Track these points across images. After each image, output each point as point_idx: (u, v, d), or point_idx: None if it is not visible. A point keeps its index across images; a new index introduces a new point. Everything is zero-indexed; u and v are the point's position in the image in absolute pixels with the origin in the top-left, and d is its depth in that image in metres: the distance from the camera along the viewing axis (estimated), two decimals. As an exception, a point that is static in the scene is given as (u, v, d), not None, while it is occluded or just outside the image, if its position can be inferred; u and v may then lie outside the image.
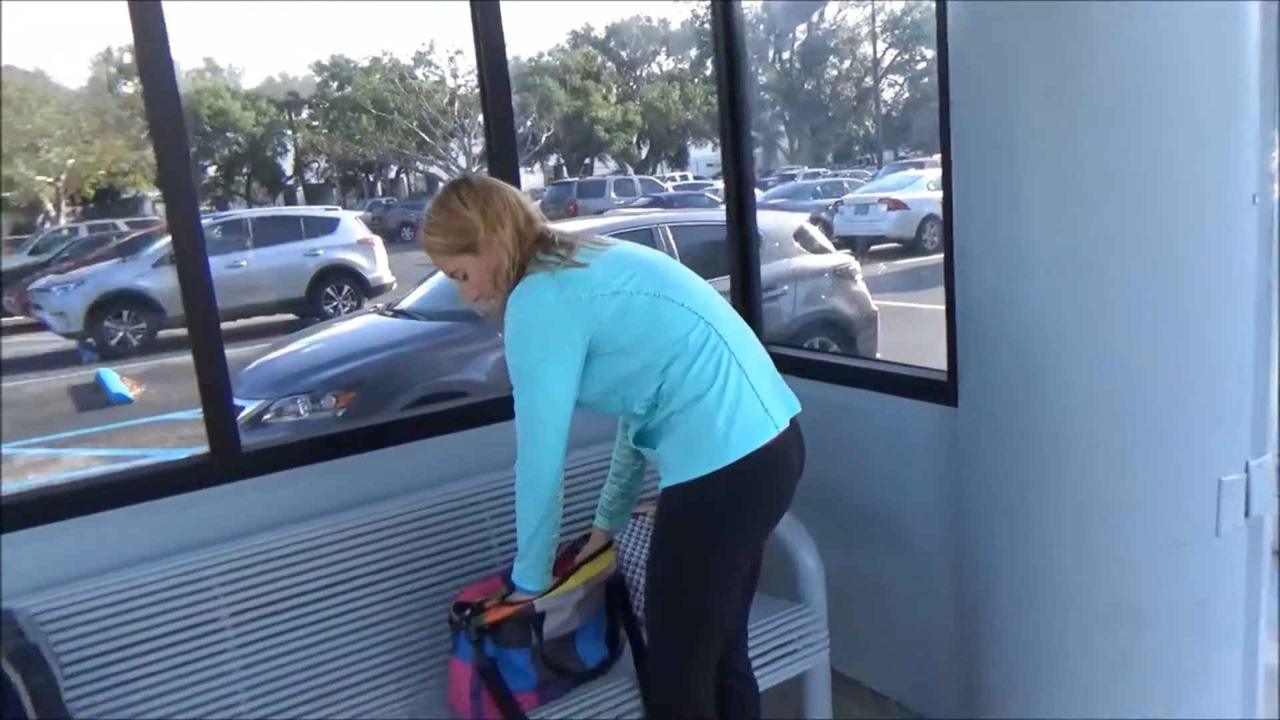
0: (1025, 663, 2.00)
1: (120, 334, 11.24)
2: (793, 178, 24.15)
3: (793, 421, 1.79)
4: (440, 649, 2.07)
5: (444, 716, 1.96)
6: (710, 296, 1.80)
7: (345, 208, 20.45)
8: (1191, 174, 1.70)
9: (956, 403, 2.13)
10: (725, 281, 2.93)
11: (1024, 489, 1.93)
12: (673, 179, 30.20)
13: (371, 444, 2.35)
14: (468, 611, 1.87)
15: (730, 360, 1.71)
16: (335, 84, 36.26)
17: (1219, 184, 1.71)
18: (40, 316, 11.93)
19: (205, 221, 12.62)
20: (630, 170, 35.34)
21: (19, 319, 13.36)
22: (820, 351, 3.03)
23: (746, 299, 2.96)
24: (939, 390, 2.26)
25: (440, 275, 5.94)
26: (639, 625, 1.99)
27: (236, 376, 5.13)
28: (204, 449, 2.18)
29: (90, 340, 11.23)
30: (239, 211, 13.34)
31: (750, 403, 1.70)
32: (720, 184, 4.59)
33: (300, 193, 37.05)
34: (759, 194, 3.95)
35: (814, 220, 7.53)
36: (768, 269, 6.06)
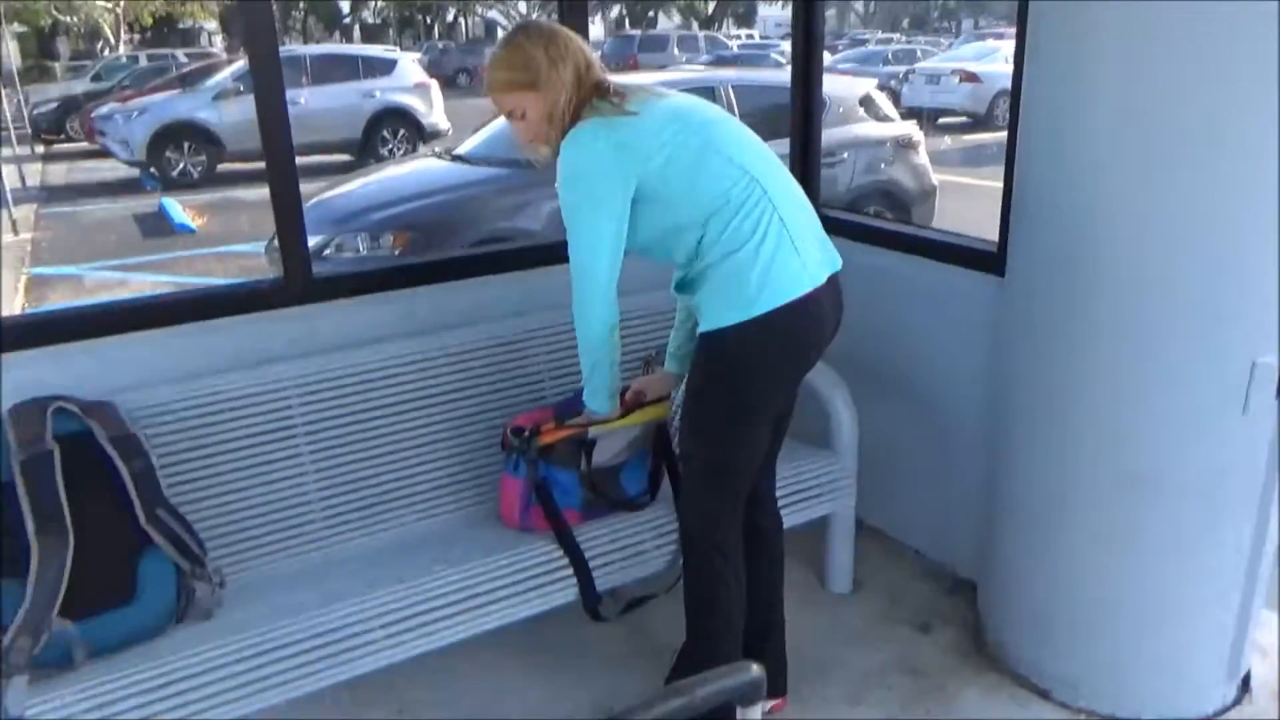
0: (1041, 522, 2.12)
1: (181, 165, 11.39)
2: (864, 43, 23.17)
3: (832, 280, 1.84)
4: (490, 469, 2.24)
5: (493, 527, 2.14)
6: (760, 152, 1.82)
7: (402, 50, 20.12)
8: (1247, 68, 1.68)
9: (1004, 273, 2.17)
10: (785, 145, 2.93)
11: (1060, 358, 1.99)
12: (738, 38, 29.09)
13: (435, 278, 2.46)
14: (525, 433, 2.01)
15: (772, 216, 1.76)
16: (395, -84, 35.01)
17: (1270, 75, 1.68)
18: (104, 143, 12.11)
19: (264, 56, 12.63)
20: (695, 26, 34.01)
21: (84, 145, 13.60)
22: (874, 217, 3.04)
23: (805, 164, 2.96)
24: (987, 260, 2.30)
25: (498, 122, 5.94)
26: (679, 467, 2.13)
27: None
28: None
29: (152, 169, 11.42)
30: (298, 48, 13.15)
31: (787, 258, 1.75)
32: (787, 46, 4.46)
33: (357, 31, 36.35)
34: (827, 58, 3.85)
35: (881, 88, 7.32)
36: (828, 135, 5.93)
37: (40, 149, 14.59)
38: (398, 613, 1.87)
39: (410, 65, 13.10)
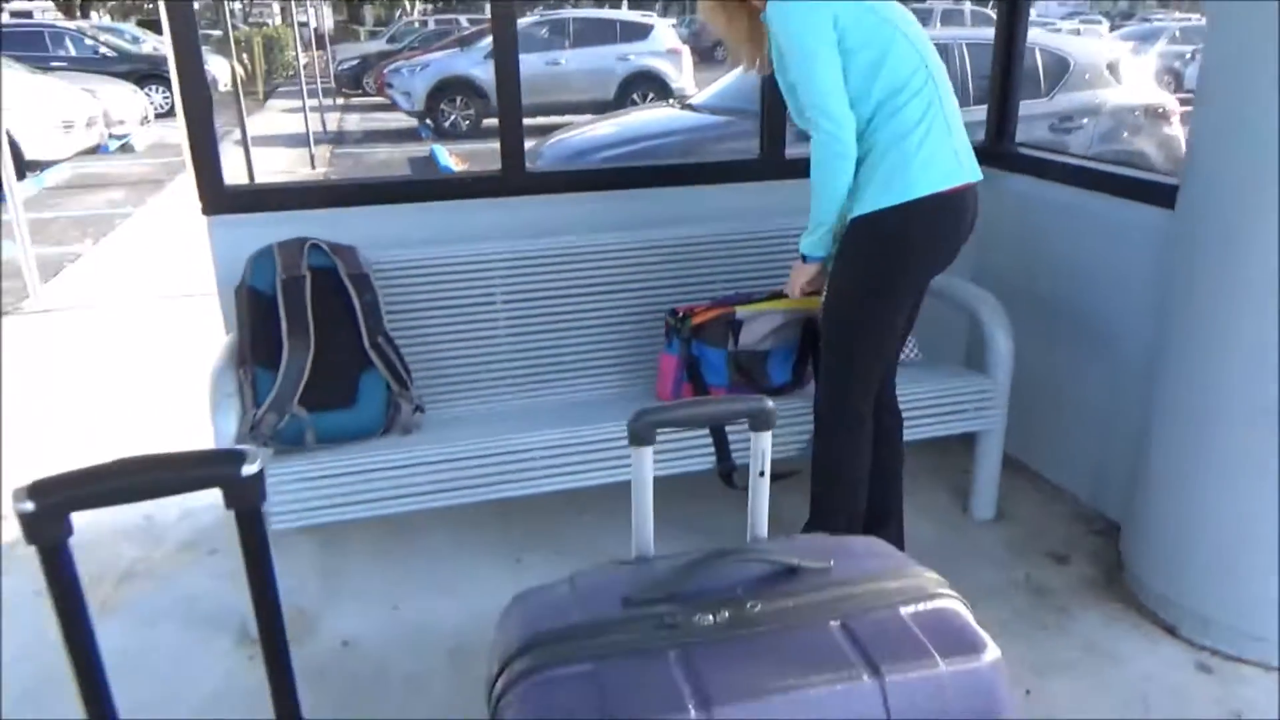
0: (1184, 455, 2.10)
1: (453, 116, 12.50)
2: (1157, 30, 21.15)
3: (974, 187, 1.95)
4: (655, 348, 2.50)
5: (650, 399, 2.41)
6: (933, 51, 1.96)
7: (662, 18, 20.68)
8: None
9: (1174, 206, 2.15)
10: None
11: (1215, 288, 1.98)
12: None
13: (629, 183, 2.76)
14: (680, 314, 2.26)
15: (939, 110, 1.90)
16: (672, -110, 35.71)
17: None
18: (391, 95, 13.49)
19: (532, 20, 13.52)
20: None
21: (376, 99, 15.20)
22: (1046, 149, 3.00)
23: (1002, 121, 2.98)
24: (1161, 193, 2.27)
25: (728, 78, 6.18)
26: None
27: (538, 149, 5.77)
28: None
29: (428, 120, 12.61)
30: (562, 11, 14.00)
31: (947, 151, 1.90)
32: (1065, 24, 4.29)
33: (626, 2, 37.59)
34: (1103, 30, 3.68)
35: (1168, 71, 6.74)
36: (1069, 99, 5.73)
37: (340, 100, 16.44)
38: (557, 450, 2.19)
39: (665, 31, 13.55)
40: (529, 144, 3.04)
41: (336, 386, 2.14)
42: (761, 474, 1.11)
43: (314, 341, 2.12)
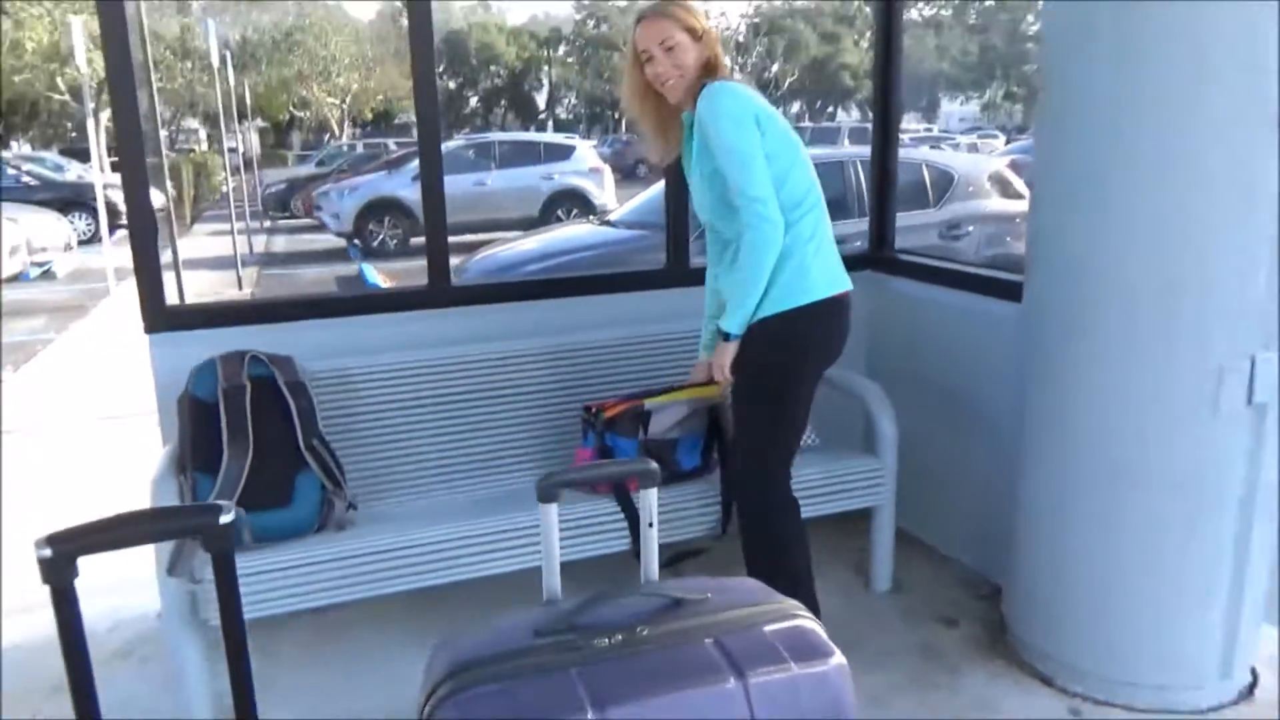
0: (1049, 517, 2.37)
1: (381, 236, 12.82)
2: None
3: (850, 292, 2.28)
4: (573, 443, 2.70)
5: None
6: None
7: (585, 140, 21.59)
8: (1221, 100, 1.98)
9: (1021, 300, 2.48)
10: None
11: (1062, 367, 2.28)
12: (917, 131, 29.26)
13: (546, 294, 3.01)
14: (594, 410, 2.48)
15: (826, 225, 2.24)
16: (592, 22, 37.70)
17: (1245, 107, 1.97)
18: (320, 217, 13.79)
19: (459, 143, 14.07)
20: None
21: (304, 220, 15.48)
22: (916, 254, 3.37)
23: (881, 229, 3.34)
24: (1011, 289, 2.60)
25: (645, 195, 6.61)
26: (729, 447, 2.52)
27: (464, 265, 6.05)
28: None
29: (356, 241, 12.90)
30: (488, 135, 14.63)
31: (835, 261, 2.24)
32: (965, 139, 4.79)
33: (551, 126, 39.06)
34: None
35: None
36: (957, 208, 6.26)
37: (267, 223, 16.67)
38: (486, 539, 2.35)
39: (587, 151, 14.23)
40: (456, 260, 3.29)
41: (273, 487, 2.28)
42: (650, 525, 1.32)
43: (253, 445, 2.27)
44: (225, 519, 0.92)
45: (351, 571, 2.26)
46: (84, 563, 3.04)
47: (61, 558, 0.85)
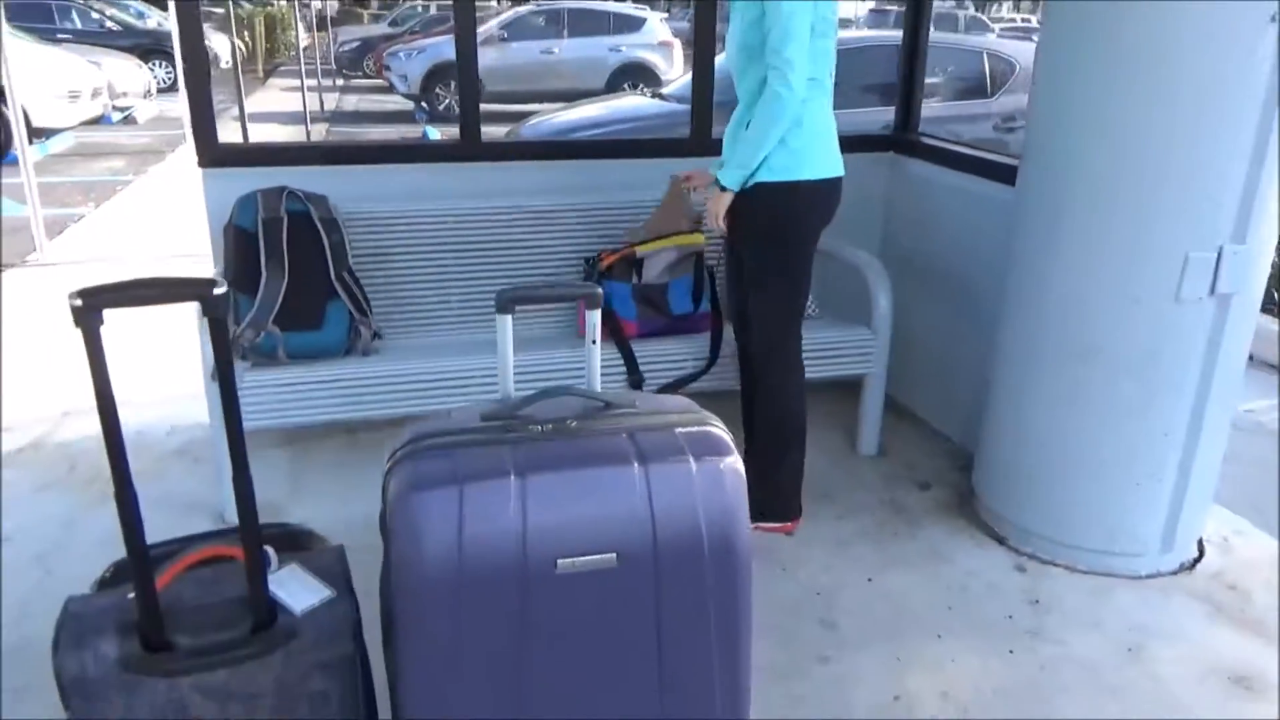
0: (1015, 389, 2.52)
1: (446, 100, 12.88)
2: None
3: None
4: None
5: (570, 336, 2.81)
6: None
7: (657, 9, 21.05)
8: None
9: (1014, 183, 2.56)
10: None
11: (1040, 248, 2.38)
12: (1014, 20, 27.77)
13: (571, 155, 3.17)
14: (591, 261, 2.68)
15: (829, 110, 2.33)
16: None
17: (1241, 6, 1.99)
18: (389, 77, 13.87)
19: (530, 8, 13.84)
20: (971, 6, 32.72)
21: (376, 81, 15.58)
22: (936, 138, 3.41)
23: (907, 112, 3.38)
24: (1007, 172, 2.67)
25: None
26: (717, 287, 2.71)
27: (518, 129, 6.17)
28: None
29: (423, 104, 12.99)
30: (559, 3, 14.36)
31: (834, 145, 2.34)
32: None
33: (627, -5, 37.75)
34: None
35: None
36: (1012, 100, 6.12)
37: (340, 81, 16.81)
38: (492, 373, 2.58)
39: (657, 24, 13.92)
40: (511, 126, 3.41)
41: (306, 311, 2.54)
42: (594, 342, 1.52)
43: (288, 272, 2.52)
44: (219, 290, 1.14)
45: (375, 391, 2.53)
46: (148, 378, 3.38)
47: (89, 308, 1.08)
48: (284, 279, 2.51)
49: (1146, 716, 1.96)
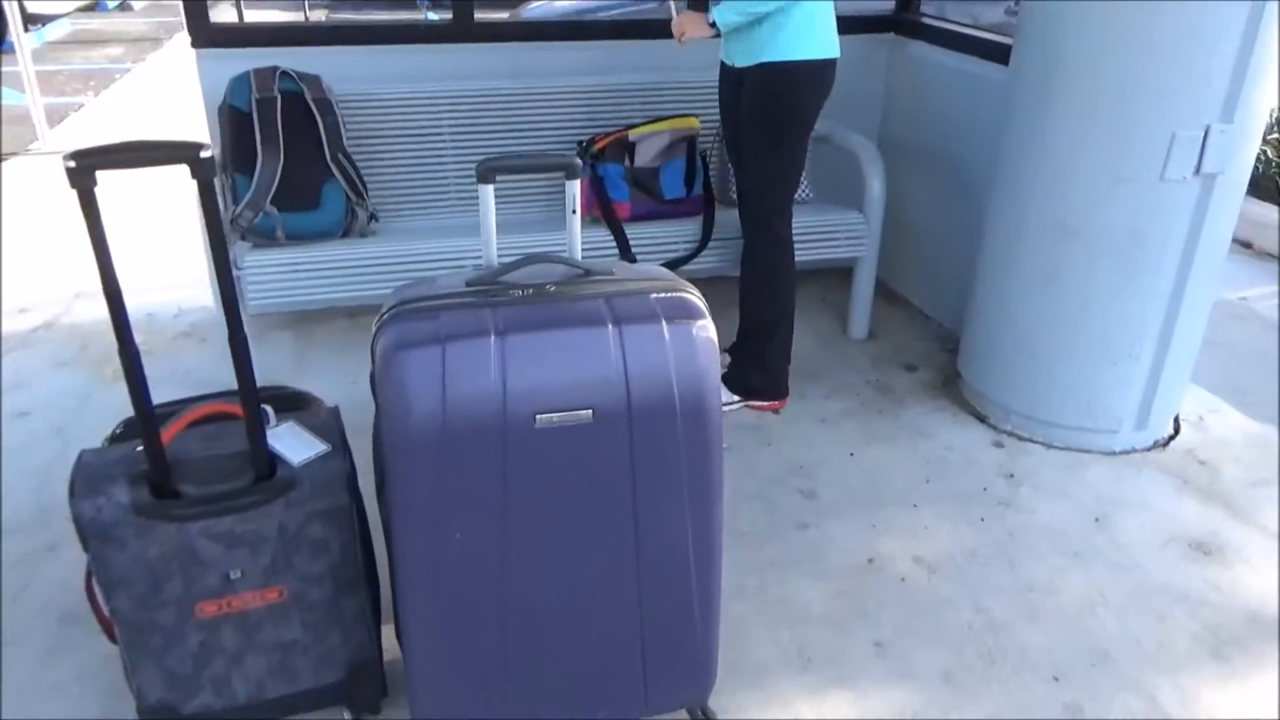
0: (998, 269, 2.56)
1: (449, -15, 12.52)
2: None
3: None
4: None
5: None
6: None
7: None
8: None
9: (1008, 63, 2.54)
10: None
11: (1028, 131, 2.39)
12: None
13: (566, 36, 3.13)
14: (584, 144, 2.69)
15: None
16: None
17: None
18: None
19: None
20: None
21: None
22: (937, 18, 3.34)
23: None
24: (1001, 52, 2.65)
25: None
26: (709, 172, 2.73)
27: (519, 12, 6.04)
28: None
29: (425, -13, 12.64)
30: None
31: (833, 27, 2.34)
32: None
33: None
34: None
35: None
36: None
37: (340, -35, 16.31)
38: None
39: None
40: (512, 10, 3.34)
41: (302, 191, 2.57)
42: (574, 211, 1.57)
43: (283, 152, 2.54)
44: (205, 154, 1.19)
45: (373, 272, 2.58)
46: (157, 263, 3.44)
47: (82, 169, 1.13)
48: (280, 159, 2.53)
49: (1107, 577, 2.07)
